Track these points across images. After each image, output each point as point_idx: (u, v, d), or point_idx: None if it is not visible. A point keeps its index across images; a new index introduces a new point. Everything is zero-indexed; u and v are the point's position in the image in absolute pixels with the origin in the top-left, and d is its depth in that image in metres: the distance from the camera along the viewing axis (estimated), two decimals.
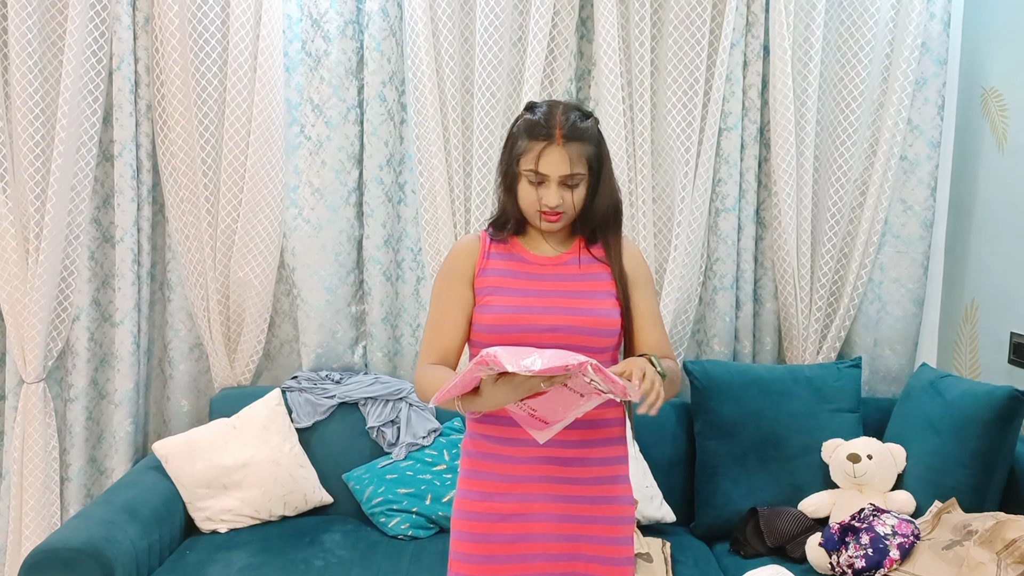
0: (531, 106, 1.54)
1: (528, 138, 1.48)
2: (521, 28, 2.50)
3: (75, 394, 2.52)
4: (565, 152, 1.46)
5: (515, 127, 1.53)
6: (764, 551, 2.21)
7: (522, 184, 1.50)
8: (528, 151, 1.47)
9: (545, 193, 1.48)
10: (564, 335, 1.48)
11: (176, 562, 2.11)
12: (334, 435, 2.47)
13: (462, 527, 1.53)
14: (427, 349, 1.55)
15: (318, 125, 2.54)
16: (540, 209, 1.49)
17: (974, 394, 2.12)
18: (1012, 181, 2.37)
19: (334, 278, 2.59)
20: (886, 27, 2.49)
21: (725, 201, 2.57)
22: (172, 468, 2.29)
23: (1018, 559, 1.77)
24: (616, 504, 1.53)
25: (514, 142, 1.51)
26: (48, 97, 2.40)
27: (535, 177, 1.48)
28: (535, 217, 1.52)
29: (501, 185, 1.55)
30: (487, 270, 1.55)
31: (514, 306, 1.50)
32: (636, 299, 1.56)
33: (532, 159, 1.47)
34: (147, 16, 2.46)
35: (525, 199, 1.51)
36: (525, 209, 1.52)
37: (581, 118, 1.50)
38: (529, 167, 1.47)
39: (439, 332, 1.54)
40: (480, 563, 1.49)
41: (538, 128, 1.47)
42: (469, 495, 1.52)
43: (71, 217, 2.45)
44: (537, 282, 1.53)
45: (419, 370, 1.53)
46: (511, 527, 1.49)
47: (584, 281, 1.55)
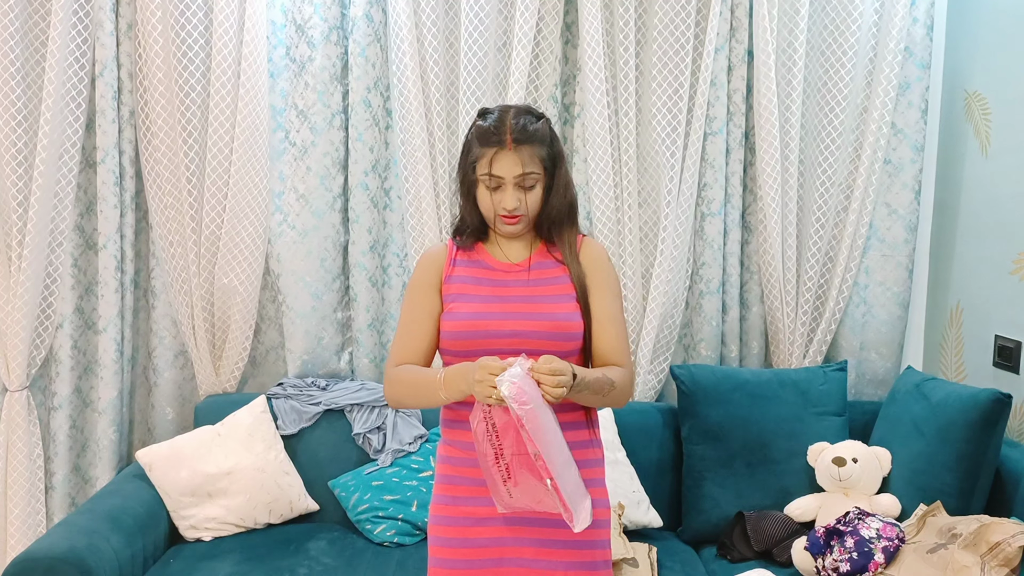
0: (483, 113, 1.56)
1: (480, 145, 1.50)
2: (506, 33, 2.50)
3: (59, 402, 2.50)
4: (516, 155, 1.49)
5: (469, 134, 1.55)
6: (751, 555, 2.21)
7: (480, 189, 1.53)
8: (482, 157, 1.50)
9: (502, 196, 1.50)
10: (526, 340, 1.49)
11: (160, 571, 2.09)
12: (320, 442, 2.46)
13: (439, 532, 1.53)
14: (394, 356, 1.57)
15: (303, 131, 2.54)
16: (499, 213, 1.51)
17: (959, 397, 2.13)
18: (995, 184, 2.38)
19: (320, 284, 2.58)
20: (869, 31, 2.50)
21: (711, 205, 2.57)
22: (156, 476, 2.27)
23: (1002, 562, 1.78)
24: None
25: (468, 149, 1.54)
26: (31, 103, 2.40)
27: (491, 181, 1.50)
28: (495, 221, 1.54)
29: (459, 193, 1.58)
30: (453, 277, 1.57)
31: (476, 313, 1.52)
32: (593, 301, 1.56)
33: (486, 164, 1.49)
34: (130, 22, 2.45)
35: (484, 204, 1.53)
36: (485, 214, 1.55)
37: (531, 120, 1.52)
38: (484, 172, 1.50)
39: (407, 339, 1.56)
40: (458, 568, 1.49)
41: (489, 134, 1.50)
42: (444, 500, 1.53)
43: (54, 224, 2.44)
44: (500, 288, 1.55)
45: (387, 374, 1.56)
46: (487, 531, 1.49)
47: (546, 286, 1.56)
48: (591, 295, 1.55)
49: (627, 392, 1.53)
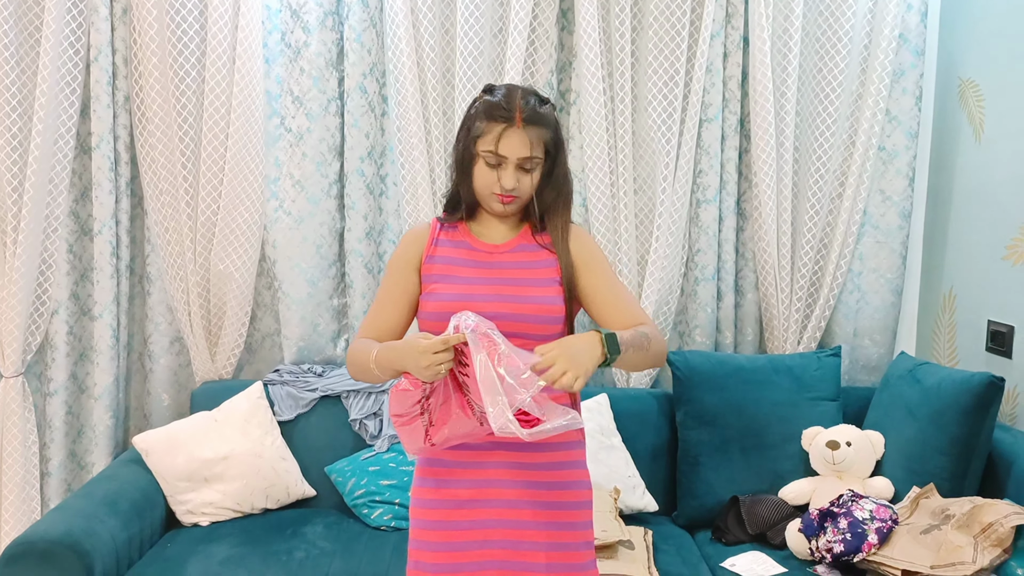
0: (490, 88, 1.53)
1: (487, 119, 1.47)
2: (502, 20, 2.50)
3: (54, 388, 2.50)
4: (525, 135, 1.46)
5: (473, 108, 1.51)
6: (745, 538, 2.22)
7: (479, 166, 1.49)
8: (487, 132, 1.46)
9: (502, 175, 1.47)
10: (508, 323, 1.46)
11: (156, 555, 2.10)
12: (316, 428, 2.47)
13: (420, 515, 1.51)
14: (361, 330, 1.56)
15: (298, 117, 2.53)
16: (496, 191, 1.49)
17: (952, 381, 2.14)
18: (988, 171, 2.39)
19: (315, 271, 2.58)
20: (864, 19, 2.51)
21: (706, 192, 2.58)
22: (153, 461, 2.27)
23: (995, 542, 1.80)
24: (574, 489, 1.52)
25: (472, 123, 1.50)
26: (25, 89, 2.39)
27: (494, 159, 1.47)
28: (490, 199, 1.51)
29: (455, 167, 1.55)
30: (435, 257, 1.54)
31: (458, 294, 1.49)
32: (593, 280, 1.54)
33: (492, 140, 1.46)
34: (125, 7, 2.45)
35: (481, 180, 1.50)
36: (480, 191, 1.52)
37: (540, 103, 1.50)
38: (488, 148, 1.46)
39: (378, 314, 1.56)
40: (439, 550, 1.47)
41: (498, 110, 1.46)
42: (425, 483, 1.51)
43: (49, 210, 2.43)
44: (483, 270, 1.53)
45: (350, 347, 1.55)
46: (469, 513, 1.47)
47: (529, 268, 1.54)
48: (587, 276, 1.54)
49: (663, 344, 1.51)
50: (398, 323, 1.56)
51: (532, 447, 1.46)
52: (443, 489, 1.49)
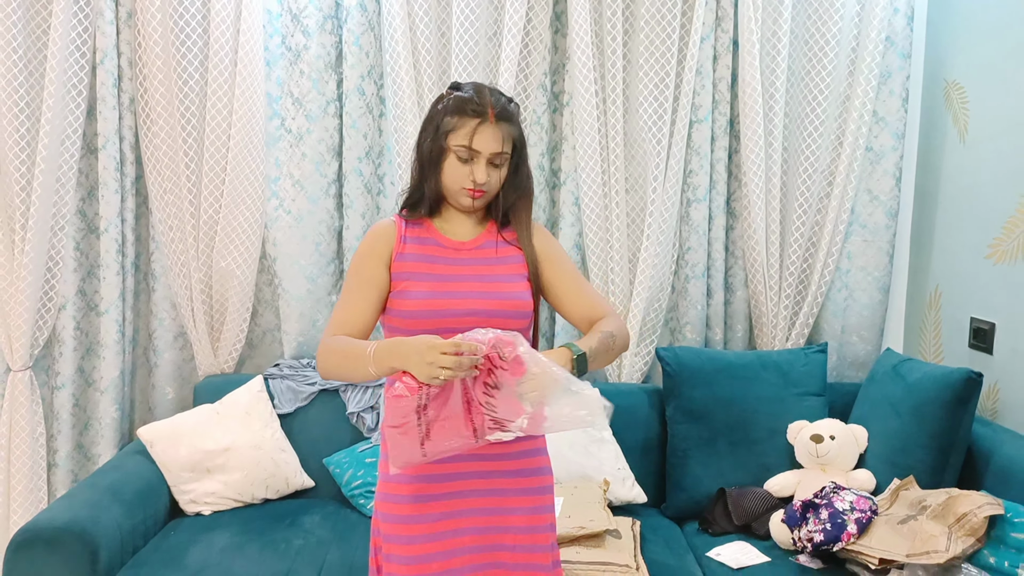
0: (457, 86, 1.55)
1: (459, 115, 1.49)
2: (496, 23, 2.56)
3: (62, 382, 2.57)
4: (497, 130, 1.49)
5: (441, 104, 1.53)
6: (731, 529, 2.28)
7: (450, 161, 1.50)
8: (460, 127, 1.48)
9: (475, 170, 1.50)
10: (481, 319, 1.49)
11: (160, 542, 2.16)
12: (315, 421, 2.53)
13: (389, 509, 1.51)
14: (332, 325, 1.51)
15: (298, 118, 2.60)
16: (467, 186, 1.51)
17: (933, 376, 2.19)
18: (972, 171, 2.44)
19: (315, 268, 2.65)
20: (852, 22, 2.56)
21: (696, 192, 2.63)
22: (157, 452, 2.34)
23: (968, 531, 1.85)
24: (538, 476, 1.57)
25: (441, 119, 1.51)
26: (33, 91, 2.45)
27: (466, 153, 1.49)
28: (459, 195, 1.53)
29: (420, 163, 1.55)
30: (404, 255, 1.54)
31: (432, 292, 1.50)
32: (556, 273, 1.59)
33: (465, 135, 1.48)
34: (130, 11, 2.51)
35: (451, 176, 1.51)
36: (449, 186, 1.53)
37: (507, 100, 1.54)
38: (462, 143, 1.48)
39: (350, 308, 1.51)
40: (408, 543, 1.48)
41: (472, 105, 1.49)
42: (393, 478, 1.50)
43: (56, 208, 2.50)
44: (454, 267, 1.54)
45: (321, 343, 1.49)
46: (438, 506, 1.49)
47: (498, 265, 1.57)
48: (551, 269, 1.59)
49: (625, 333, 1.55)
50: (369, 319, 1.52)
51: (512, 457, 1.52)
52: (412, 484, 1.48)
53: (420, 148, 1.55)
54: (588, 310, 1.59)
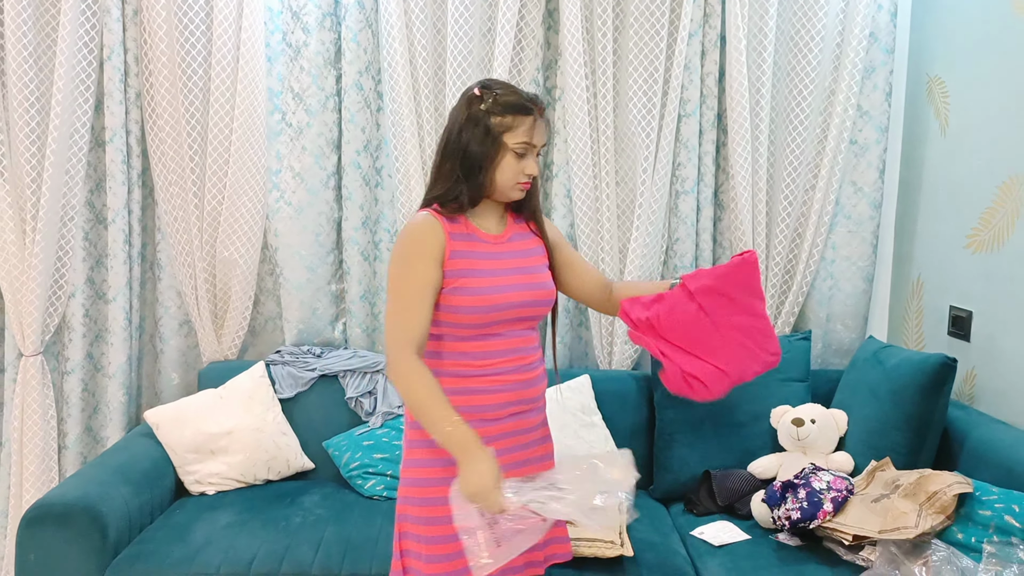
0: (488, 86, 1.59)
1: (516, 113, 1.56)
2: (490, 20, 2.64)
3: (71, 367, 2.67)
4: (544, 124, 1.61)
5: (484, 106, 1.56)
6: (715, 509, 2.36)
7: (508, 159, 1.57)
8: (517, 126, 1.56)
9: (528, 163, 1.58)
10: (526, 309, 1.60)
11: (166, 520, 2.26)
12: (315, 405, 2.62)
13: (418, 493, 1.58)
14: (404, 335, 1.51)
15: (298, 112, 2.68)
16: (521, 181, 1.59)
17: (910, 362, 2.27)
18: (952, 163, 2.51)
19: (315, 258, 2.73)
20: (836, 18, 2.63)
21: (684, 184, 2.71)
22: (163, 434, 2.44)
23: (938, 509, 1.92)
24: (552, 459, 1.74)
25: (488, 120, 1.55)
26: (43, 86, 2.54)
27: (524, 149, 1.57)
28: (512, 189, 1.60)
29: (467, 163, 1.56)
30: (456, 252, 1.57)
31: (485, 287, 1.56)
32: (567, 256, 1.75)
33: (525, 132, 1.56)
34: (136, 9, 2.59)
35: (507, 172, 1.57)
36: (504, 182, 1.58)
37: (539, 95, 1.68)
38: (521, 140, 1.56)
39: (414, 318, 1.52)
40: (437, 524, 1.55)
41: (523, 104, 1.57)
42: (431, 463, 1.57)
43: (65, 200, 2.59)
44: (497, 261, 1.61)
45: (403, 360, 1.50)
46: None
47: (530, 257, 1.67)
48: (566, 251, 1.75)
49: None
50: (429, 322, 1.55)
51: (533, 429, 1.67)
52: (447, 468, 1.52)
53: (464, 149, 1.56)
54: (600, 277, 1.78)
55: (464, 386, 1.59)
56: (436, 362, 1.60)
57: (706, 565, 2.08)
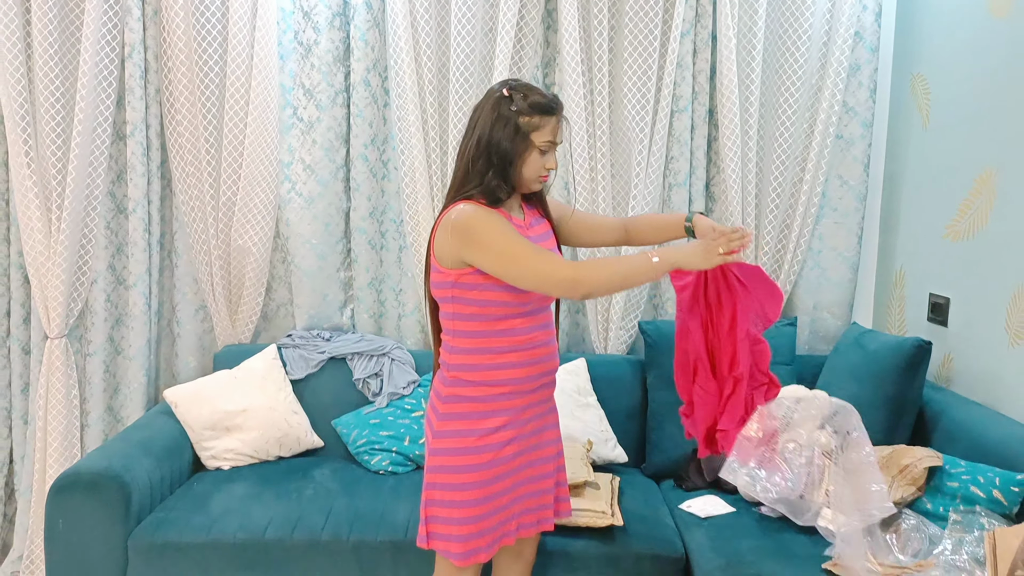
0: (515, 87, 1.72)
1: (540, 113, 1.70)
2: (492, 20, 2.76)
3: (94, 349, 2.80)
4: (564, 123, 1.78)
5: (514, 107, 1.69)
6: (703, 485, 2.49)
7: (534, 155, 1.72)
8: (544, 125, 1.71)
9: (549, 159, 1.75)
10: None
11: (185, 491, 2.40)
12: (324, 386, 2.75)
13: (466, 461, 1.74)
14: (559, 261, 1.67)
15: (309, 108, 2.81)
16: (543, 174, 1.76)
17: (888, 345, 2.39)
18: (933, 157, 2.62)
19: (324, 246, 2.86)
20: (823, 18, 2.74)
21: (677, 177, 2.83)
22: (181, 412, 2.57)
23: (910, 481, 2.05)
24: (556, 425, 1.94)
25: (516, 119, 1.68)
26: (67, 82, 2.67)
27: (548, 147, 1.73)
28: (535, 181, 1.77)
29: (497, 161, 1.69)
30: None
31: None
32: (579, 220, 1.94)
33: (550, 131, 1.72)
34: (155, 9, 2.72)
35: (533, 167, 1.73)
36: (529, 176, 1.74)
37: None
38: (547, 139, 1.72)
39: (541, 251, 1.68)
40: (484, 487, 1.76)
41: (547, 105, 1.71)
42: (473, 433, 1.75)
43: (88, 191, 2.72)
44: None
45: (577, 270, 1.65)
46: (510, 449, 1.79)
47: (547, 240, 1.86)
48: (574, 217, 1.94)
49: None
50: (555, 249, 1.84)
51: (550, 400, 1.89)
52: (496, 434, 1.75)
53: (497, 146, 1.70)
54: (613, 224, 1.98)
55: (505, 361, 1.75)
56: (475, 341, 1.75)
57: (692, 534, 2.20)
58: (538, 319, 1.79)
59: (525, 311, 1.76)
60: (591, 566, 2.13)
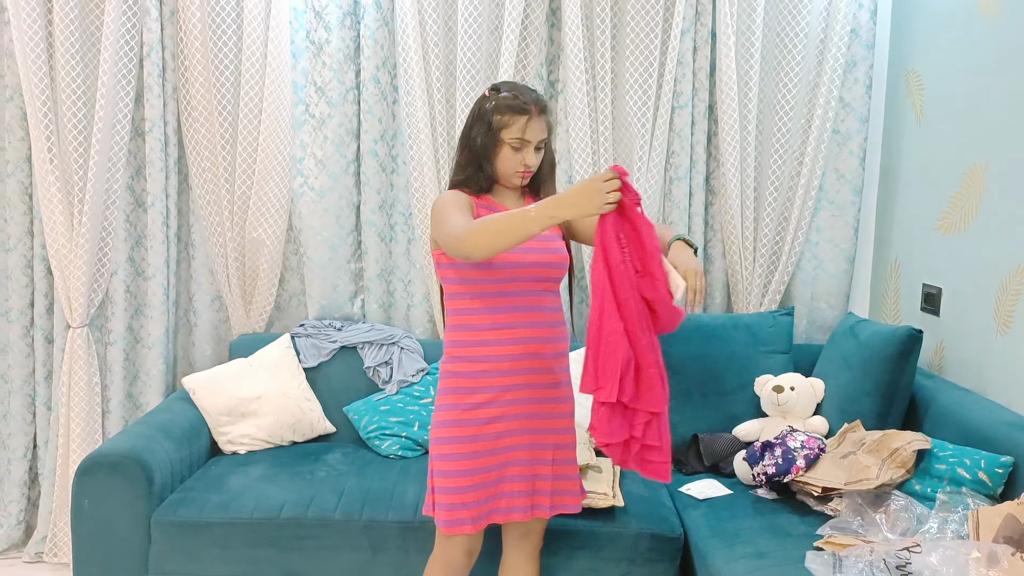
0: (496, 88, 1.89)
1: (512, 113, 1.82)
2: (498, 18, 2.84)
3: (114, 338, 2.90)
4: (541, 122, 1.85)
5: (489, 105, 1.85)
6: (702, 469, 2.58)
7: (505, 151, 1.84)
8: (513, 124, 1.82)
9: (527, 156, 1.85)
10: (541, 270, 1.88)
11: (203, 473, 2.50)
12: (336, 374, 2.84)
13: (450, 433, 1.85)
14: (460, 227, 1.70)
15: (321, 104, 2.90)
16: (519, 170, 1.85)
17: (880, 334, 2.47)
18: (926, 152, 2.70)
19: (335, 239, 2.95)
20: (820, 16, 2.81)
21: (678, 171, 2.90)
22: (199, 398, 2.67)
23: (899, 464, 2.13)
24: (569, 403, 2.00)
25: (491, 118, 1.83)
26: (88, 81, 2.76)
27: (519, 144, 1.83)
28: (513, 176, 1.87)
29: (474, 154, 1.86)
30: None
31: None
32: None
33: (519, 129, 1.82)
34: (172, 9, 2.81)
35: (507, 163, 1.85)
36: (504, 171, 1.86)
37: (540, 96, 1.90)
38: (516, 136, 1.82)
39: (466, 216, 1.77)
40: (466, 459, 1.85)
41: (520, 105, 1.82)
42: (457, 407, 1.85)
43: (108, 185, 2.82)
44: None
45: (465, 228, 1.69)
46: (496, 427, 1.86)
47: (553, 239, 1.93)
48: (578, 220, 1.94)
49: None
50: None
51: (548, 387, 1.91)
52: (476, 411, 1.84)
53: (474, 142, 1.86)
54: None
55: (483, 338, 1.85)
56: (460, 318, 1.86)
57: (689, 515, 2.29)
58: (528, 300, 1.86)
59: (498, 289, 1.83)
60: (593, 544, 2.22)
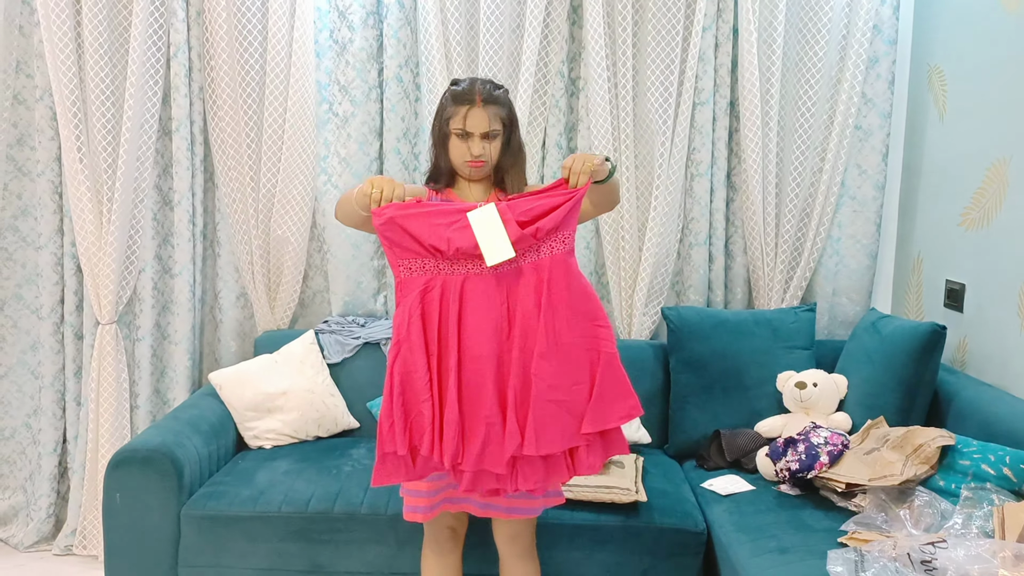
0: (456, 82, 1.93)
1: (455, 104, 1.87)
2: (519, 16, 2.86)
3: (142, 335, 2.95)
4: (484, 112, 1.85)
5: (443, 98, 1.90)
6: (724, 465, 2.59)
7: (452, 141, 1.88)
8: (456, 114, 1.86)
9: (471, 145, 1.87)
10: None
11: (231, 467, 2.54)
12: (359, 370, 2.88)
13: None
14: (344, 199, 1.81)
15: (344, 103, 2.93)
16: (467, 159, 1.87)
17: (903, 330, 2.47)
18: (949, 147, 2.69)
19: (359, 236, 2.98)
20: (842, 12, 2.81)
21: (699, 167, 2.91)
22: (225, 394, 2.71)
23: (923, 460, 2.13)
24: None
25: (443, 109, 1.89)
26: (116, 81, 2.81)
27: (463, 133, 1.86)
28: (463, 167, 1.90)
29: (434, 146, 1.93)
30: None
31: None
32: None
33: (460, 120, 1.86)
34: (199, 10, 2.85)
35: (455, 152, 1.89)
36: (455, 160, 1.90)
37: (494, 87, 1.91)
38: (458, 126, 1.86)
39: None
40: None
41: (462, 95, 1.87)
42: None
43: (137, 184, 2.86)
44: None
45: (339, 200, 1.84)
46: None
47: None
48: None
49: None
50: None
51: None
52: None
53: (432, 134, 1.95)
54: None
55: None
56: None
57: (712, 510, 2.31)
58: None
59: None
60: (616, 539, 2.24)
